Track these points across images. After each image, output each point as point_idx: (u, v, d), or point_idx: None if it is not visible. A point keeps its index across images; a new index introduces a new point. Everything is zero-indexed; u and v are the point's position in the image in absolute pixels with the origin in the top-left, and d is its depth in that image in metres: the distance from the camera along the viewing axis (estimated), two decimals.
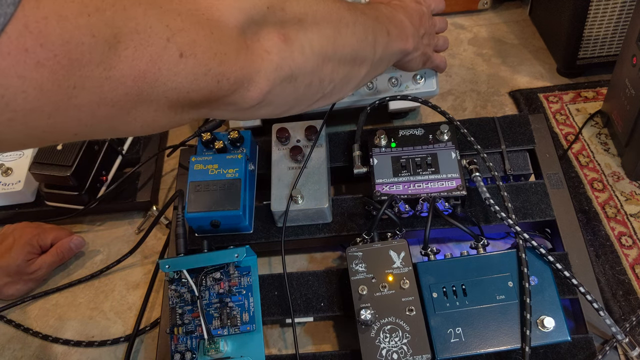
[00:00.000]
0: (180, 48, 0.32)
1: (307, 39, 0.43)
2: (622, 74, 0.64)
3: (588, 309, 0.53)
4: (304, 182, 0.60)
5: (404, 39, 0.55)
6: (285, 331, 0.60)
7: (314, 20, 0.44)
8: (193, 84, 0.34)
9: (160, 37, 0.31)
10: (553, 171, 0.63)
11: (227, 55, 0.36)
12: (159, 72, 0.32)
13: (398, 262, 0.53)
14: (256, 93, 0.40)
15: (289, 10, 0.42)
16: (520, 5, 0.95)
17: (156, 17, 0.31)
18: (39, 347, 0.63)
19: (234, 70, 0.37)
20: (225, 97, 0.38)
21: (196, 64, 0.34)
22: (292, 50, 0.41)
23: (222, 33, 0.36)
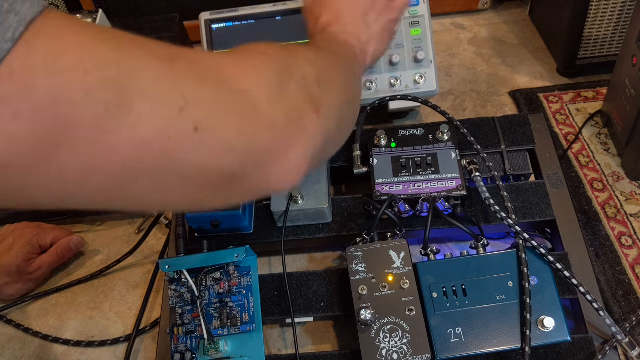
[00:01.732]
0: (196, 121, 0.28)
1: (330, 99, 0.40)
2: (622, 74, 0.64)
3: (588, 309, 0.53)
4: (304, 182, 0.60)
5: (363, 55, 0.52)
6: (285, 331, 0.60)
7: (327, 77, 0.41)
8: (209, 162, 0.30)
9: (172, 106, 0.28)
10: (553, 171, 0.63)
11: (257, 135, 0.32)
12: (167, 145, 0.28)
13: (398, 262, 0.53)
14: (294, 178, 0.36)
15: (308, 75, 0.38)
16: (520, 5, 0.95)
17: (170, 83, 0.28)
18: (39, 347, 0.63)
19: (264, 154, 0.32)
20: (251, 181, 0.33)
21: (215, 140, 0.29)
22: (324, 119, 0.38)
23: (252, 109, 0.32)
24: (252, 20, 0.74)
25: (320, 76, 0.39)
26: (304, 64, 0.39)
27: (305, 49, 0.42)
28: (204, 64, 0.31)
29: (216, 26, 0.74)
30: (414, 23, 0.70)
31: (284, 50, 0.40)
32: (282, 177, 0.35)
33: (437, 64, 0.78)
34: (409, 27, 0.70)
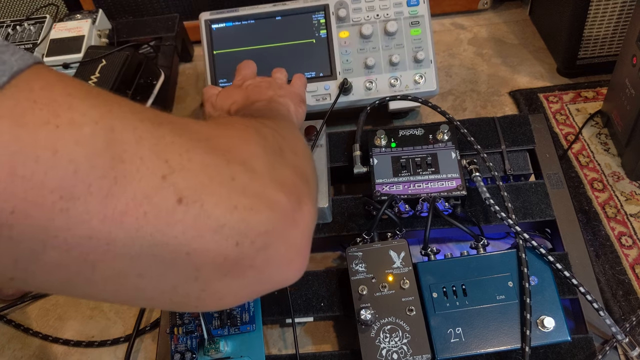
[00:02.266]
0: (181, 191, 0.24)
1: (306, 166, 0.37)
2: (622, 74, 0.64)
3: (588, 309, 0.53)
4: None
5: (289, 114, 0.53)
6: (285, 331, 0.60)
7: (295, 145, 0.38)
8: (195, 242, 0.25)
9: (154, 173, 0.24)
10: (553, 171, 0.63)
11: (255, 211, 0.27)
12: (143, 218, 0.24)
13: (398, 262, 0.53)
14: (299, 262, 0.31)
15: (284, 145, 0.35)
16: (520, 5, 0.95)
17: (152, 149, 0.24)
18: (39, 347, 0.63)
19: (264, 234, 0.28)
20: (250, 269, 0.28)
21: (202, 216, 0.25)
22: (311, 187, 0.35)
23: (247, 181, 0.28)
24: (252, 20, 0.74)
25: (292, 144, 0.37)
26: (274, 135, 0.36)
27: (264, 118, 0.40)
28: (191, 130, 0.28)
29: (216, 26, 0.74)
30: (414, 23, 0.70)
31: (255, 121, 0.37)
32: (287, 262, 0.30)
33: (437, 64, 0.78)
34: (409, 27, 0.70)
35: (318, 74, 0.71)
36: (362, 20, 0.71)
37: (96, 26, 0.85)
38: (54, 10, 0.95)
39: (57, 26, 0.84)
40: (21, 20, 0.87)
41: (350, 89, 0.70)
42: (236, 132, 0.32)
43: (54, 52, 0.81)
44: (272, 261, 0.29)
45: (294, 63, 0.72)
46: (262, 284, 0.31)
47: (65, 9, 0.97)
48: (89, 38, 0.83)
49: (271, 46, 0.73)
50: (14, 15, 0.99)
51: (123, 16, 0.96)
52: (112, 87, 0.69)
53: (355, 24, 0.71)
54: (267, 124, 0.38)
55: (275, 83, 0.58)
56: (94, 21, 0.85)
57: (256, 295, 0.31)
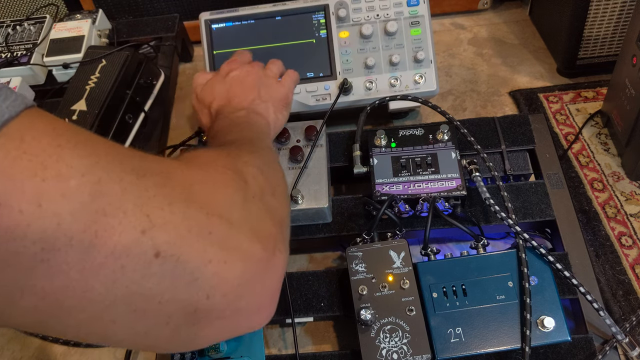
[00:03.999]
0: (158, 246, 0.25)
1: (283, 205, 0.38)
2: (622, 74, 0.64)
3: (588, 309, 0.53)
4: (304, 182, 0.60)
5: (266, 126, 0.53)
6: (285, 331, 0.60)
7: (275, 181, 0.39)
8: (168, 293, 0.26)
9: (134, 227, 0.25)
10: (553, 171, 0.63)
11: (229, 264, 0.28)
12: (120, 271, 0.24)
13: (398, 262, 0.53)
14: (268, 311, 0.32)
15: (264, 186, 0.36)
16: (520, 5, 0.95)
17: (136, 202, 0.25)
18: (39, 347, 0.63)
19: (237, 284, 0.29)
20: (219, 319, 0.29)
21: (178, 269, 0.26)
22: (285, 231, 0.36)
23: (224, 234, 0.28)
24: (252, 20, 0.74)
25: (271, 184, 0.38)
26: (255, 174, 0.37)
27: (242, 153, 0.40)
28: (174, 180, 0.29)
29: (216, 26, 0.74)
30: (414, 23, 0.70)
31: (232, 158, 0.37)
32: (256, 310, 0.31)
33: (437, 64, 0.78)
34: (409, 27, 0.70)
35: (318, 74, 0.71)
36: (362, 20, 0.71)
37: (96, 26, 0.85)
38: (54, 10, 0.95)
39: (57, 26, 0.84)
40: (21, 20, 0.87)
41: (350, 89, 0.70)
42: (217, 176, 0.33)
43: (54, 52, 0.81)
44: (241, 311, 0.30)
45: (294, 63, 0.71)
46: (231, 331, 0.32)
47: (65, 9, 0.97)
48: (89, 38, 0.83)
49: (271, 46, 0.73)
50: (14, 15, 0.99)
51: (123, 16, 0.96)
52: (112, 88, 0.69)
53: (355, 24, 0.71)
54: (250, 162, 0.38)
55: (263, 78, 0.57)
56: (94, 21, 0.85)
57: (226, 339, 0.32)
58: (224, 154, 0.38)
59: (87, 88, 0.70)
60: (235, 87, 0.55)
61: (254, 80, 0.56)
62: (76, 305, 0.24)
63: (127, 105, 0.72)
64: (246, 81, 0.55)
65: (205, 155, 0.37)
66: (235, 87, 0.55)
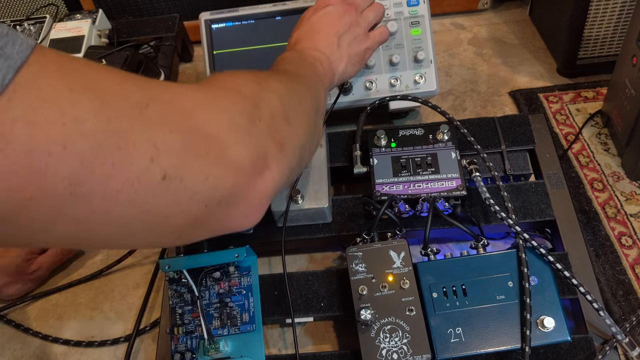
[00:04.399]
0: (165, 170, 0.29)
1: (295, 136, 0.41)
2: (622, 74, 0.64)
3: (588, 309, 0.53)
4: (304, 182, 0.60)
5: (330, 74, 0.53)
6: (285, 331, 0.60)
7: (294, 113, 0.41)
8: (174, 207, 0.31)
9: (143, 156, 0.28)
10: (553, 171, 0.63)
11: (222, 179, 0.32)
12: (134, 194, 0.28)
13: (398, 262, 0.53)
14: (255, 217, 0.37)
15: (277, 112, 0.39)
16: (520, 5, 0.95)
17: (143, 133, 0.28)
18: (39, 347, 0.63)
19: (228, 195, 0.33)
20: (214, 222, 0.34)
21: (181, 188, 0.30)
22: (287, 157, 0.39)
23: (219, 154, 0.32)
24: (252, 20, 0.74)
25: (287, 113, 0.40)
26: (274, 100, 0.39)
27: (277, 82, 0.42)
28: (177, 107, 0.32)
29: (216, 26, 0.74)
30: (414, 23, 0.70)
31: (257, 85, 0.40)
32: (244, 216, 0.36)
33: (437, 64, 0.78)
34: (409, 27, 0.70)
35: None
36: None
37: (96, 26, 0.85)
38: (54, 10, 0.95)
39: (57, 26, 0.84)
40: (21, 20, 0.87)
41: (350, 89, 0.70)
42: (222, 100, 0.36)
43: None
44: (231, 215, 0.35)
45: None
46: (222, 230, 0.37)
47: (65, 9, 0.97)
48: (89, 38, 0.83)
49: (271, 46, 0.73)
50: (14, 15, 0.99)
51: (123, 16, 0.96)
52: None
53: None
54: (274, 89, 0.41)
55: (353, 26, 0.56)
56: (94, 21, 0.85)
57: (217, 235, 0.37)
58: (249, 79, 0.40)
59: None
60: (321, 25, 0.55)
61: (342, 25, 0.55)
62: (101, 226, 0.28)
63: None
64: (334, 23, 0.55)
65: (227, 79, 0.39)
66: (323, 24, 0.55)
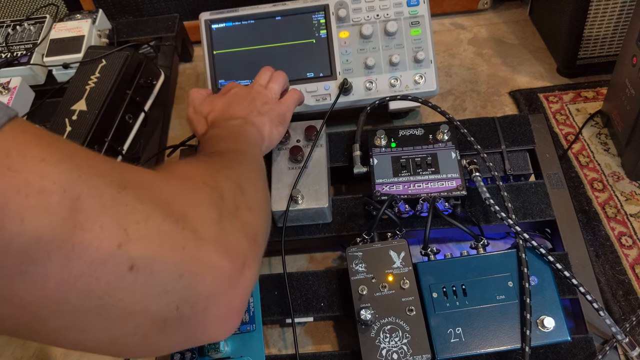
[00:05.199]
0: (133, 259, 0.26)
1: (260, 223, 0.39)
2: (622, 74, 0.64)
3: (588, 309, 0.53)
4: (304, 182, 0.60)
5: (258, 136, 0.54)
6: (285, 331, 0.60)
7: (254, 199, 0.40)
8: (139, 304, 0.27)
9: (111, 241, 0.25)
10: (553, 171, 0.63)
11: (199, 278, 0.29)
12: (95, 282, 0.25)
13: (398, 262, 0.53)
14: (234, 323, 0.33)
15: (240, 203, 0.37)
16: (520, 5, 0.95)
17: (114, 216, 0.26)
18: (39, 347, 0.63)
19: (206, 297, 0.30)
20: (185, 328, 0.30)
21: (150, 282, 0.27)
22: (260, 248, 0.37)
23: (197, 250, 0.29)
24: (252, 20, 0.74)
25: (249, 201, 0.38)
26: (232, 187, 0.37)
27: (228, 169, 0.40)
28: (153, 194, 0.29)
29: (216, 26, 0.74)
30: (414, 23, 0.70)
31: (212, 172, 0.38)
32: (222, 322, 0.32)
33: (437, 64, 0.78)
34: (409, 27, 0.70)
35: (318, 74, 0.71)
36: (362, 21, 0.71)
37: (96, 26, 0.85)
38: (54, 10, 0.95)
39: (57, 26, 0.84)
40: (21, 20, 0.87)
41: (350, 89, 0.70)
42: (195, 192, 0.33)
43: (54, 52, 0.81)
44: (207, 322, 0.31)
45: (294, 63, 0.72)
46: (195, 340, 0.33)
47: (65, 9, 0.97)
48: (89, 38, 0.83)
49: (271, 46, 0.73)
50: (14, 15, 0.99)
51: (123, 16, 0.96)
52: (112, 88, 0.69)
53: (355, 24, 0.71)
54: (231, 177, 0.39)
55: (262, 96, 0.58)
56: (94, 21, 0.85)
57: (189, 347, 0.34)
58: (205, 168, 0.39)
59: (87, 88, 0.70)
60: (234, 100, 0.57)
61: (251, 96, 0.58)
62: (51, 314, 0.25)
63: (127, 105, 0.72)
64: (246, 96, 0.58)
65: (186, 169, 0.37)
66: (235, 100, 0.57)
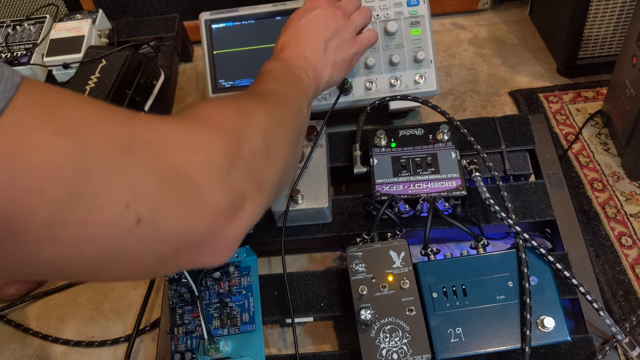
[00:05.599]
0: (139, 214, 0.29)
1: (275, 169, 0.40)
2: (622, 74, 0.64)
3: (588, 309, 0.53)
4: (304, 182, 0.60)
5: (315, 80, 0.53)
6: (285, 331, 0.60)
7: (275, 144, 0.41)
8: (145, 250, 0.31)
9: (120, 202, 0.28)
10: (553, 171, 0.63)
11: (196, 224, 0.32)
12: (107, 237, 0.28)
13: (398, 262, 0.53)
14: (224, 256, 0.36)
15: (257, 148, 0.38)
16: (520, 5, 0.95)
17: (121, 178, 0.28)
18: (39, 347, 0.63)
19: (200, 239, 0.33)
20: (183, 260, 0.35)
21: (154, 232, 0.30)
22: (264, 194, 0.38)
23: (195, 198, 0.32)
24: (252, 20, 0.74)
25: (269, 146, 0.39)
26: (256, 135, 0.38)
27: (259, 111, 0.41)
28: (159, 148, 0.31)
29: (216, 26, 0.74)
30: (414, 23, 0.70)
31: (239, 117, 0.39)
32: (213, 256, 0.36)
33: (437, 64, 0.78)
34: (409, 27, 0.70)
35: None
36: None
37: (96, 26, 0.85)
38: (54, 10, 0.95)
39: (57, 26, 0.84)
40: (21, 20, 0.87)
41: (350, 89, 0.70)
42: (204, 138, 0.34)
43: (54, 52, 0.81)
44: (201, 254, 0.35)
45: None
46: (191, 266, 0.37)
47: (65, 9, 0.97)
48: (89, 38, 0.83)
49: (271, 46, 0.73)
50: (14, 15, 0.99)
51: (123, 16, 0.96)
52: (112, 88, 0.69)
53: None
54: (258, 123, 0.40)
55: (340, 30, 0.55)
56: (94, 21, 0.85)
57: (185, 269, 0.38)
58: (233, 109, 0.39)
59: (87, 88, 0.70)
60: (308, 30, 0.54)
61: (329, 30, 0.54)
62: (72, 266, 0.29)
63: (127, 105, 0.72)
64: (321, 28, 0.54)
65: (210, 110, 0.38)
66: (308, 31, 0.54)
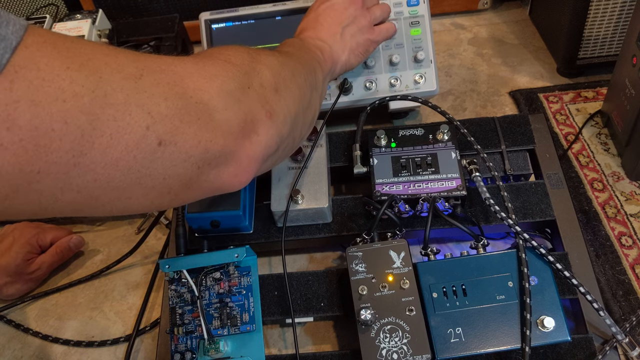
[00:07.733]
0: (160, 136, 0.31)
1: (285, 106, 0.42)
2: (622, 74, 0.64)
3: (588, 309, 0.53)
4: (304, 182, 0.60)
5: (331, 63, 0.55)
6: (285, 331, 0.60)
7: (284, 84, 0.43)
8: (170, 170, 0.33)
9: (140, 125, 0.30)
10: (553, 171, 0.63)
11: (213, 142, 0.35)
12: (133, 160, 0.30)
13: (398, 262, 0.53)
14: (244, 177, 0.39)
15: (266, 82, 0.41)
16: (520, 5, 0.95)
17: (138, 104, 0.30)
18: (39, 347, 0.63)
19: (219, 157, 0.36)
20: (206, 182, 0.37)
21: (175, 152, 0.32)
22: (277, 125, 0.41)
23: (209, 118, 0.35)
24: (252, 20, 0.74)
25: (278, 84, 0.42)
26: (264, 71, 0.41)
27: (269, 56, 0.44)
28: (169, 75, 0.34)
29: (216, 26, 0.74)
30: (414, 23, 0.70)
31: (247, 56, 0.42)
32: (234, 176, 0.38)
33: (437, 64, 0.78)
34: (409, 27, 0.70)
35: None
36: None
37: (96, 26, 0.85)
38: (54, 10, 0.95)
39: (57, 26, 0.84)
40: None
41: (350, 89, 0.70)
42: (213, 68, 0.37)
43: None
44: (222, 175, 0.37)
45: None
46: (214, 189, 0.39)
47: (65, 9, 0.97)
48: (89, 38, 0.82)
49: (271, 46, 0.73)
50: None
51: (123, 16, 0.96)
52: None
53: None
54: (265, 62, 0.42)
55: (358, 19, 0.57)
56: (94, 21, 0.85)
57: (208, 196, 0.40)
58: (243, 52, 0.42)
59: None
60: (326, 15, 0.56)
61: (347, 16, 0.57)
62: (102, 192, 0.31)
63: None
64: (339, 14, 0.57)
65: (220, 51, 0.41)
66: (326, 16, 0.56)
